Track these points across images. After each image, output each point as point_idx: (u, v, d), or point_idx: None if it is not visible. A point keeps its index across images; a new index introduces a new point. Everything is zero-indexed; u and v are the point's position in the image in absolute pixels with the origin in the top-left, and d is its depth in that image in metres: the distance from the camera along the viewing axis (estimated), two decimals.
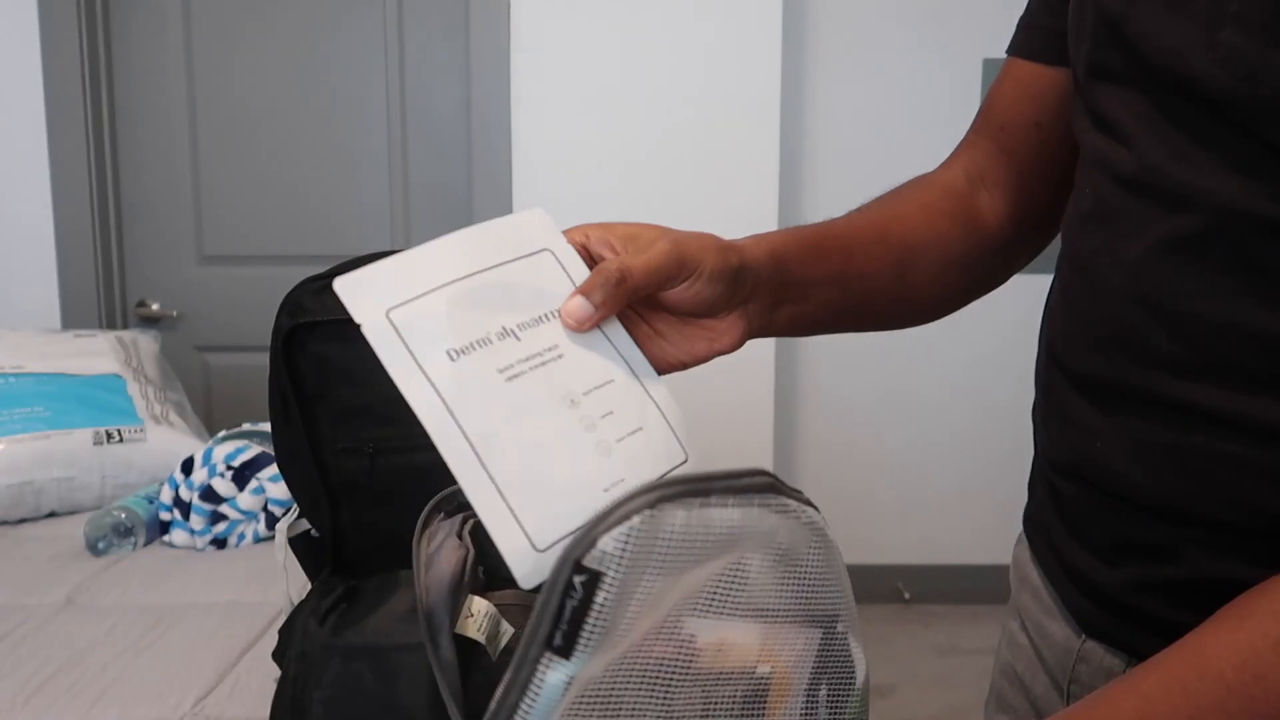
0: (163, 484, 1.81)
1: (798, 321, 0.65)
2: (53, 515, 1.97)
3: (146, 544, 1.78)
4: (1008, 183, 0.75)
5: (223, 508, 1.76)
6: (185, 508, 1.76)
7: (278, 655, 1.09)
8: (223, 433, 1.90)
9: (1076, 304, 0.62)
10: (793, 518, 0.48)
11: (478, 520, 0.47)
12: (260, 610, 1.51)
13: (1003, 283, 0.79)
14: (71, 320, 2.70)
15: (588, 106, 2.67)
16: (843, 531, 0.65)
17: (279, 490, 1.75)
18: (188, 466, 1.77)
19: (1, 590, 1.59)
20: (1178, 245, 0.53)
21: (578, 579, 0.41)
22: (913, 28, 2.86)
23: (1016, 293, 1.03)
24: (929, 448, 3.06)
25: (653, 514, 0.42)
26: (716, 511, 0.44)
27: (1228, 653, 0.47)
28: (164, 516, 1.78)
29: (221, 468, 1.74)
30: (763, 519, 0.46)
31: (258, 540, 1.78)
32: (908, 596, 3.08)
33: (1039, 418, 0.68)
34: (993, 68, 2.82)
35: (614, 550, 0.41)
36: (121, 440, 2.01)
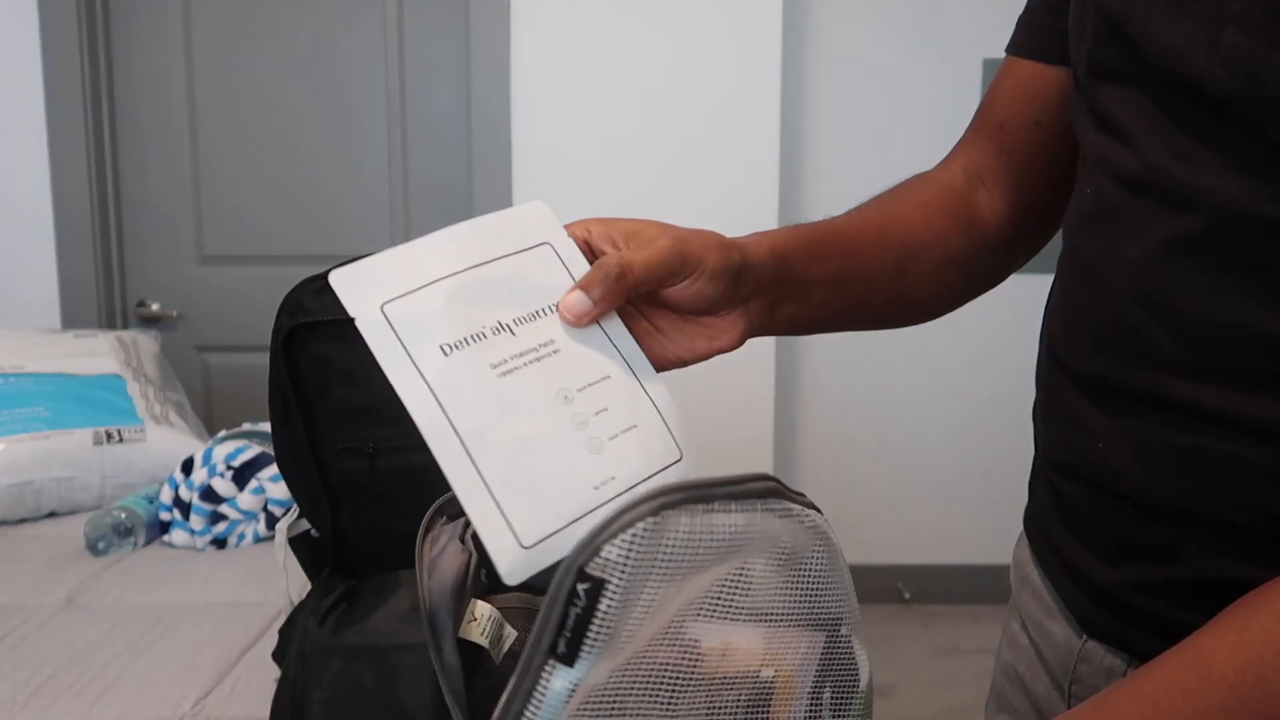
0: (163, 484, 1.81)
1: (798, 320, 0.65)
2: (53, 515, 1.96)
3: (146, 544, 1.78)
4: (1007, 182, 0.75)
5: (223, 508, 1.76)
6: (185, 508, 1.76)
7: (278, 655, 1.09)
8: (223, 433, 1.90)
9: (1077, 304, 0.62)
10: (796, 522, 0.48)
11: None
12: (260, 610, 1.52)
13: (1002, 281, 0.79)
14: (71, 320, 2.70)
15: (588, 106, 2.66)
16: (842, 529, 0.64)
17: (279, 490, 1.75)
18: (188, 466, 1.77)
19: (1, 590, 1.59)
20: (1179, 245, 0.53)
21: (581, 586, 0.41)
22: (912, 28, 2.86)
23: (1019, 292, 1.02)
24: (929, 446, 3.05)
25: (656, 520, 0.42)
26: (720, 517, 0.44)
27: (1231, 655, 0.47)
28: (164, 516, 1.78)
29: (221, 468, 1.74)
30: (766, 523, 0.46)
31: (258, 540, 1.78)
32: (908, 596, 3.08)
33: (1040, 417, 0.67)
34: (992, 68, 2.81)
35: (617, 557, 0.41)
36: (121, 440, 2.00)
